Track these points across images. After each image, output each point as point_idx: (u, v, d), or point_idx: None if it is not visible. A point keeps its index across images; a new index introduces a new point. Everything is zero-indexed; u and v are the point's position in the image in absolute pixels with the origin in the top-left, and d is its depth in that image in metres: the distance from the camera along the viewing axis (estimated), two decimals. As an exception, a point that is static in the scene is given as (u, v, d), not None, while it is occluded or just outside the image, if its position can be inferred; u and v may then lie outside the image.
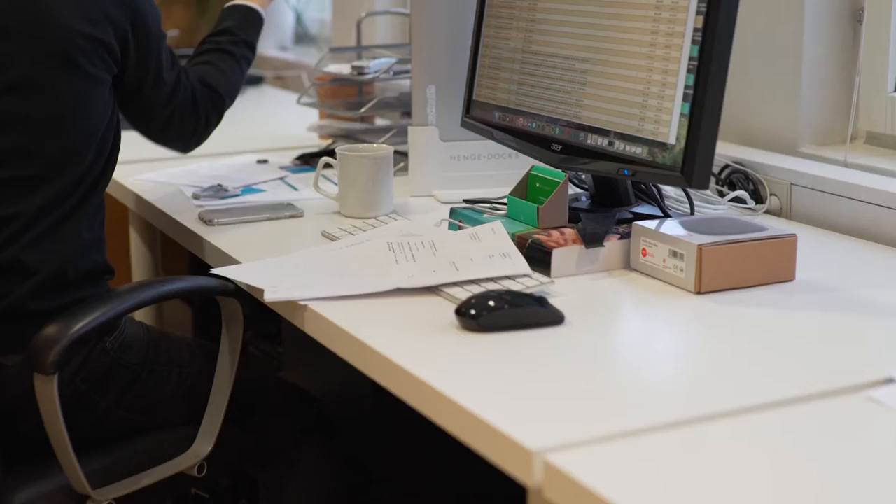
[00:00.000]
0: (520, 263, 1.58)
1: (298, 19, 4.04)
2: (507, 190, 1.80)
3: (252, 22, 2.17)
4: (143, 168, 2.34)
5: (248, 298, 1.67)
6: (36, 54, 1.72)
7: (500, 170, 2.10)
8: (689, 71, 1.54)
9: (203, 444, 1.78)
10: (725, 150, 2.05)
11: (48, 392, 1.55)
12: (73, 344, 1.57)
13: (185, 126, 1.98)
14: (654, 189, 1.76)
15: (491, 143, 1.97)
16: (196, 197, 2.11)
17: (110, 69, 1.79)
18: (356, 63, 2.36)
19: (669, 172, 1.56)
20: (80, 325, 1.59)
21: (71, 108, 1.74)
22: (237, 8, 2.19)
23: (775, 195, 1.95)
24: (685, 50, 1.55)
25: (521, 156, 1.90)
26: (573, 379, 1.27)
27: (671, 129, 1.56)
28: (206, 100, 2.00)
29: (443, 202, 2.04)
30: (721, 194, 1.98)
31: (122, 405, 1.78)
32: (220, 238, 1.86)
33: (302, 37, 4.07)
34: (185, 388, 1.83)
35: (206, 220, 1.95)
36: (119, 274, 1.88)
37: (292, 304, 1.53)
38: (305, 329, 1.52)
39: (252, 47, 2.16)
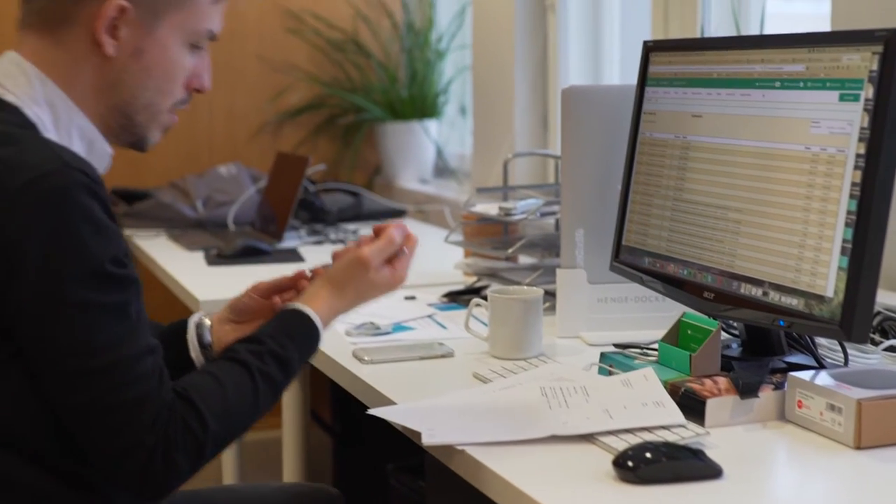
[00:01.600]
0: (674, 413, 1.58)
1: (439, 153, 4.14)
2: (655, 332, 1.81)
3: (295, 330, 1.56)
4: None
5: (389, 428, 1.70)
6: None
7: (647, 312, 2.11)
8: (846, 224, 1.55)
9: None
10: (877, 297, 2.03)
11: None
12: None
13: (121, 456, 1.33)
14: (807, 339, 1.75)
15: (638, 285, 1.99)
16: (349, 334, 2.16)
17: None
18: (503, 204, 2.41)
19: (827, 325, 1.56)
20: None
21: None
22: (285, 312, 1.60)
23: (930, 345, 1.93)
24: (842, 204, 1.56)
25: (669, 299, 1.91)
26: (735, 536, 1.27)
27: (829, 282, 1.56)
28: (177, 421, 1.36)
29: (590, 344, 2.06)
30: (873, 342, 1.96)
31: None
32: (373, 376, 1.90)
33: (442, 170, 4.16)
34: None
35: (359, 357, 1.99)
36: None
37: (448, 448, 1.56)
38: (460, 472, 1.55)
39: (285, 364, 1.52)
